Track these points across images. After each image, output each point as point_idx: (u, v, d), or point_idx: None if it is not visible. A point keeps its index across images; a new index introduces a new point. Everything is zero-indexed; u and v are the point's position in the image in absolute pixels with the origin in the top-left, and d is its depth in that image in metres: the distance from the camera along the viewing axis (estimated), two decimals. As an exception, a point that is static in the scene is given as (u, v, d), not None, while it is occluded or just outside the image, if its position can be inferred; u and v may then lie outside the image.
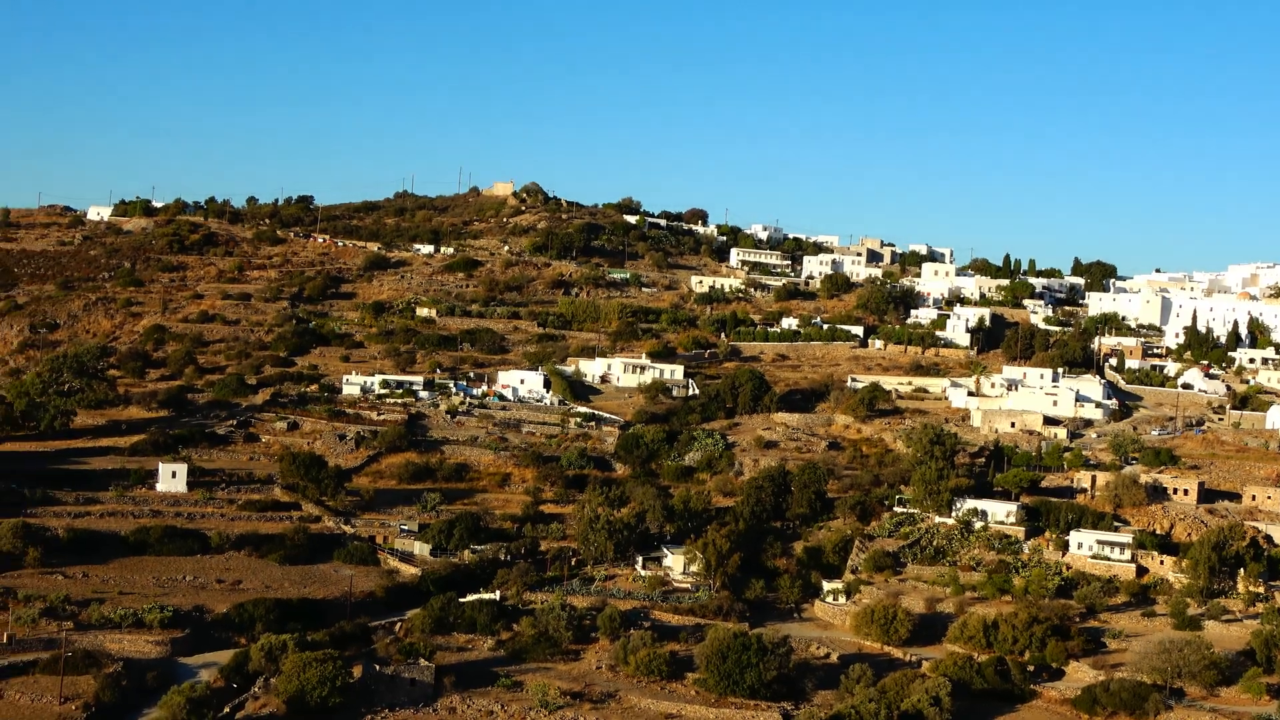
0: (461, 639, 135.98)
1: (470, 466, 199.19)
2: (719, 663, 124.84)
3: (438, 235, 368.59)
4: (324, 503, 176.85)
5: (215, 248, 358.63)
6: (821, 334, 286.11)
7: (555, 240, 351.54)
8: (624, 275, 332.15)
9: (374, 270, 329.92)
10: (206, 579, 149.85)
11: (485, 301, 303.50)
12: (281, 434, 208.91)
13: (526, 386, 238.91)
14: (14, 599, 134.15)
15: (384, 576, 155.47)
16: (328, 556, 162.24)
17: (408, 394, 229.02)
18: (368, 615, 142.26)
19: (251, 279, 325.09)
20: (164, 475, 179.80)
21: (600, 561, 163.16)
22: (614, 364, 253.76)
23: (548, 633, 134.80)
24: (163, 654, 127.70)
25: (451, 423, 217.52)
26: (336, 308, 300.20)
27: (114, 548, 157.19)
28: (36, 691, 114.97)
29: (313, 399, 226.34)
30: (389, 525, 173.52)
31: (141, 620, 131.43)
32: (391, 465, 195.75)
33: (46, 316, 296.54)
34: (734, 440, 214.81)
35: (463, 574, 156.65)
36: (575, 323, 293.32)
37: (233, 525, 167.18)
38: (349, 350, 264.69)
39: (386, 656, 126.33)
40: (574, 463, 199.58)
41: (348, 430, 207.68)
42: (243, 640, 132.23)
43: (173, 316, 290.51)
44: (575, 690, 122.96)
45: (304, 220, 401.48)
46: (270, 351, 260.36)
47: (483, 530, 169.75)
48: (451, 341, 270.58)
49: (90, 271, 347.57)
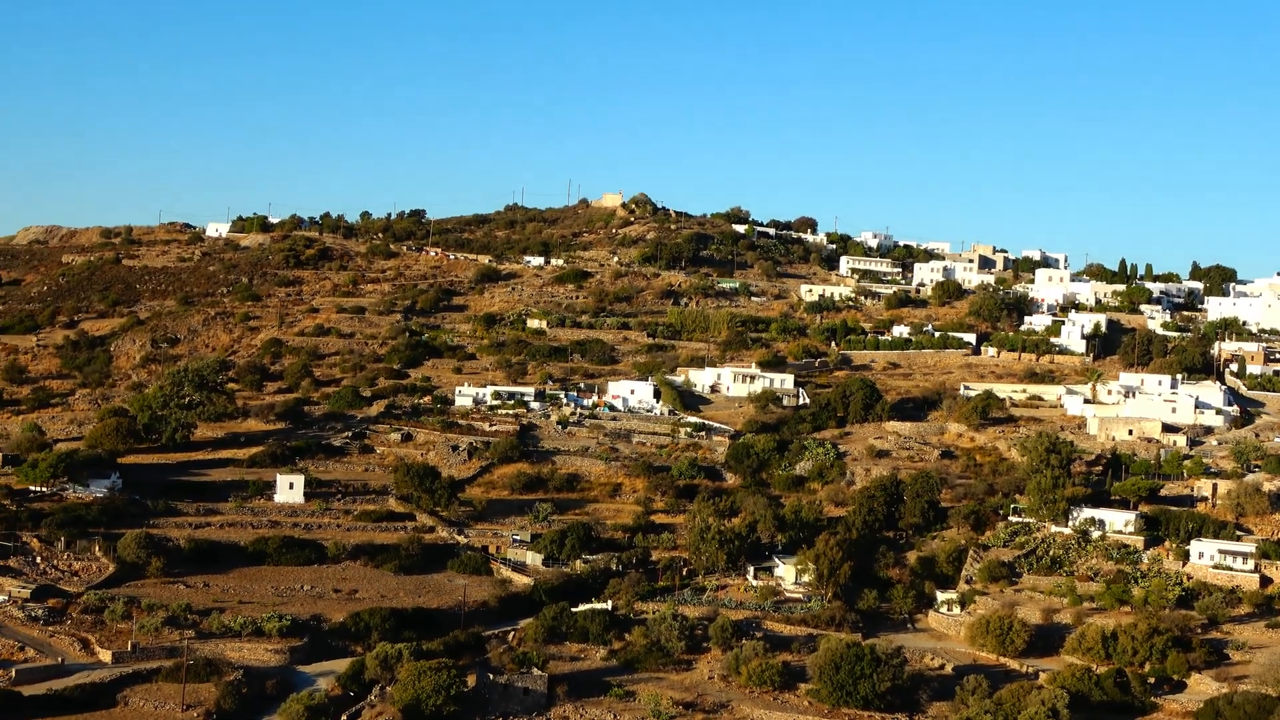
0: (574, 648, 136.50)
1: (581, 477, 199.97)
2: (832, 673, 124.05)
3: (548, 247, 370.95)
4: (438, 513, 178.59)
5: (330, 262, 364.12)
6: (933, 342, 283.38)
7: (664, 250, 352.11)
8: (733, 285, 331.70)
9: (485, 282, 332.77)
10: (324, 588, 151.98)
11: (595, 312, 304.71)
12: (395, 445, 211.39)
13: (636, 397, 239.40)
14: (138, 608, 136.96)
15: (497, 586, 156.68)
16: (441, 566, 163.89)
17: (519, 405, 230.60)
18: (481, 624, 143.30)
19: (365, 292, 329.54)
20: (282, 486, 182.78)
21: (711, 571, 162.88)
22: (724, 373, 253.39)
23: (660, 642, 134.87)
24: (281, 662, 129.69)
25: (562, 433, 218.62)
26: (449, 320, 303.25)
27: (234, 558, 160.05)
28: (160, 699, 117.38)
29: (426, 411, 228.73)
30: (501, 535, 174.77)
31: (261, 629, 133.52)
32: (504, 476, 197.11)
33: (167, 332, 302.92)
34: (845, 449, 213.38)
35: (575, 584, 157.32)
36: (684, 333, 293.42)
37: (349, 535, 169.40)
38: (461, 362, 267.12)
39: (500, 666, 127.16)
40: (684, 473, 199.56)
41: (460, 441, 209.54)
42: (359, 649, 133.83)
43: (289, 330, 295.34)
44: (687, 700, 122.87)
45: (416, 234, 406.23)
46: (384, 364, 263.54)
47: (594, 540, 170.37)
48: (562, 352, 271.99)
49: (209, 287, 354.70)
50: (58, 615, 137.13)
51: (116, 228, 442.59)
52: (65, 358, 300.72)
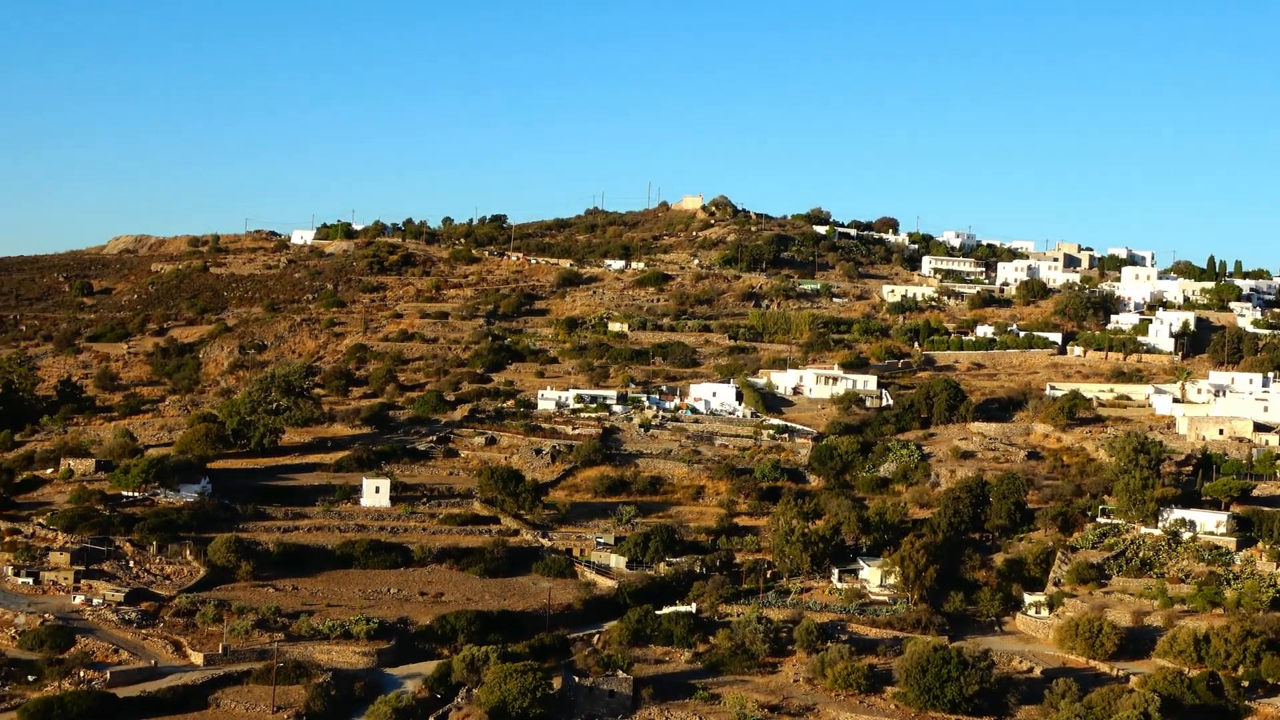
0: (658, 651, 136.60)
1: (664, 479, 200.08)
2: (919, 676, 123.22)
3: (628, 250, 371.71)
4: (522, 516, 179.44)
5: (413, 268, 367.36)
6: (1018, 341, 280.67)
7: (745, 253, 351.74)
8: (814, 286, 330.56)
9: (566, 286, 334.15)
10: (410, 591, 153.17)
11: (676, 315, 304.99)
12: (479, 449, 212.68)
13: (718, 399, 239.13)
14: (228, 611, 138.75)
15: (581, 589, 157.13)
16: (526, 569, 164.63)
17: (601, 408, 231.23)
18: (566, 627, 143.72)
19: (448, 297, 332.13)
20: (368, 490, 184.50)
21: (796, 574, 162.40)
22: (806, 375, 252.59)
23: (744, 645, 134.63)
24: (369, 664, 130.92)
25: (645, 436, 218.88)
26: (531, 324, 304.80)
27: (322, 561, 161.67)
28: (250, 700, 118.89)
29: (509, 414, 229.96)
30: (585, 538, 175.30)
31: (349, 632, 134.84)
32: (587, 479, 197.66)
33: (255, 338, 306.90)
34: (930, 451, 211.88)
35: (659, 586, 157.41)
36: (766, 335, 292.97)
37: (434, 539, 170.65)
38: (543, 366, 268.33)
39: (585, 668, 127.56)
40: (767, 475, 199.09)
41: (543, 445, 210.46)
42: (445, 651, 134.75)
43: (373, 336, 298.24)
44: (773, 703, 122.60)
45: (498, 239, 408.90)
46: (467, 368, 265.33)
47: (678, 543, 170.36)
48: (643, 355, 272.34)
49: (295, 294, 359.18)
50: (151, 618, 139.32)
51: (204, 236, 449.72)
52: (155, 365, 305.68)
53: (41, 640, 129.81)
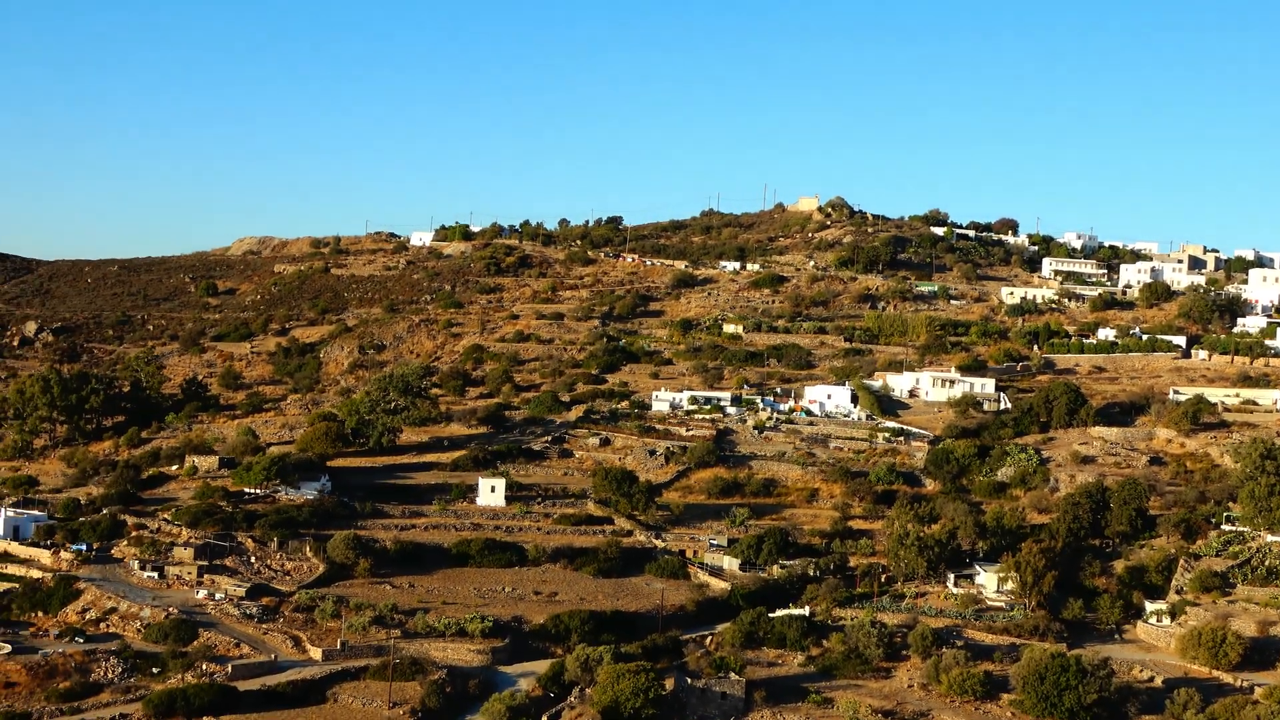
0: (771, 654, 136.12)
1: (778, 482, 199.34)
2: (1036, 684, 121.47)
3: (743, 252, 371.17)
4: (635, 517, 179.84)
5: (529, 269, 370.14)
6: (1140, 345, 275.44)
7: (861, 254, 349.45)
8: (931, 288, 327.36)
9: (681, 288, 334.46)
10: (524, 590, 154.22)
11: (791, 317, 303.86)
12: (594, 450, 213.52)
13: (833, 401, 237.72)
14: (346, 607, 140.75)
15: (694, 590, 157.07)
16: (639, 570, 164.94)
17: (715, 410, 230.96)
18: (678, 628, 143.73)
19: (564, 299, 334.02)
20: (483, 490, 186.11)
21: (911, 578, 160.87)
22: (922, 378, 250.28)
23: (858, 649, 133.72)
24: (484, 663, 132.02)
25: (759, 438, 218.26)
26: (645, 325, 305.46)
27: (438, 559, 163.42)
28: (367, 696, 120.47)
29: (623, 415, 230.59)
30: (698, 540, 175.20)
31: (464, 629, 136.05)
32: (700, 480, 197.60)
33: (374, 338, 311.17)
34: (1049, 455, 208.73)
35: (772, 589, 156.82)
36: (882, 337, 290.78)
37: (549, 538, 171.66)
38: (658, 367, 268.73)
39: (697, 670, 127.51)
40: (882, 478, 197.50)
41: (657, 446, 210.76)
42: (559, 650, 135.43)
43: (490, 336, 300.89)
44: (886, 708, 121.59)
45: (614, 241, 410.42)
46: (582, 369, 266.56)
47: (791, 545, 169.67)
48: (758, 357, 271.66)
49: (413, 294, 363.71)
50: (271, 613, 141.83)
51: (325, 238, 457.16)
52: (277, 364, 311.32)
53: (166, 633, 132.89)
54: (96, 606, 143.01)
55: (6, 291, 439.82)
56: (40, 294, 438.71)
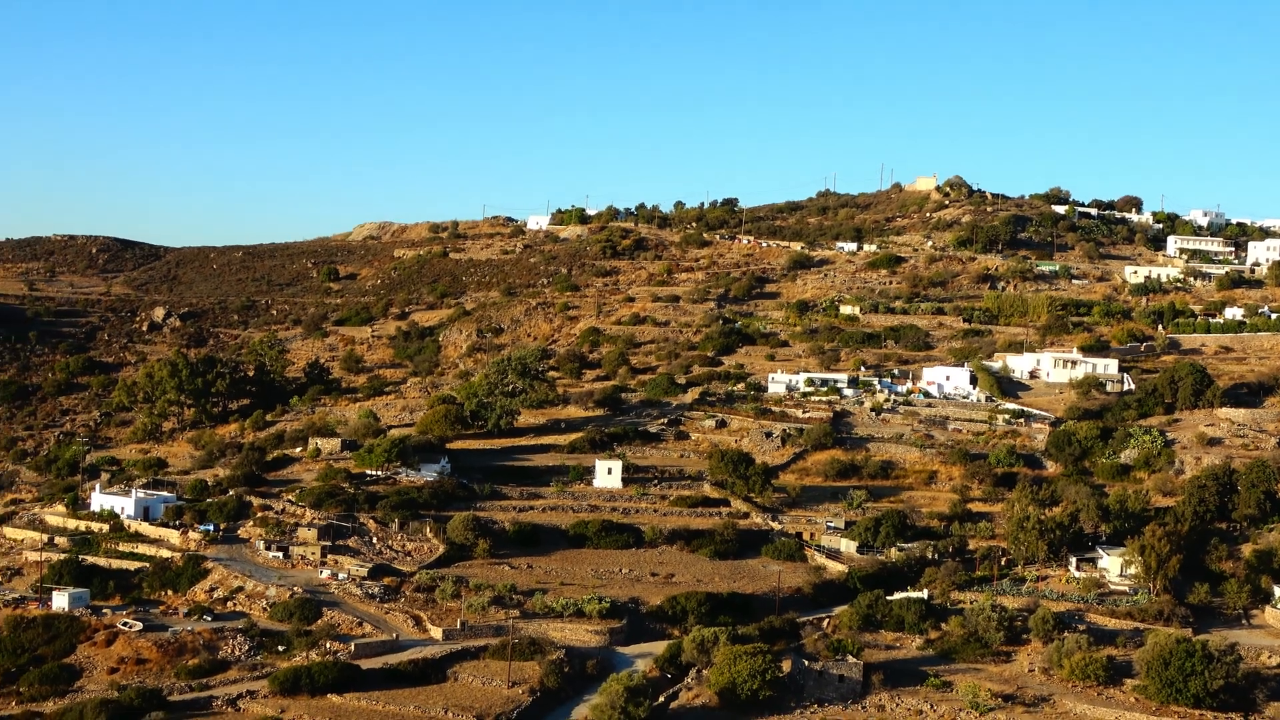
0: (889, 637, 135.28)
1: (895, 464, 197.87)
2: (1160, 669, 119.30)
3: (860, 233, 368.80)
4: (752, 499, 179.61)
5: (645, 252, 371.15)
6: (1270, 324, 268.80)
7: (980, 234, 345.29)
8: (1052, 267, 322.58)
9: (797, 269, 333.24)
10: (641, 572, 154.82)
11: (909, 298, 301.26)
12: (710, 432, 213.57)
13: (952, 383, 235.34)
14: (466, 587, 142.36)
15: (811, 573, 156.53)
16: (756, 552, 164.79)
17: (832, 391, 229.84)
18: (795, 610, 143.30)
19: (680, 281, 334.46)
20: (600, 472, 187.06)
21: (1031, 562, 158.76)
22: (1043, 359, 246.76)
23: (977, 633, 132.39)
24: (601, 643, 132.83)
25: (876, 420, 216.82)
26: (761, 307, 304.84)
27: (555, 540, 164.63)
28: (486, 675, 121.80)
29: (739, 397, 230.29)
30: (815, 522, 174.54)
31: (581, 610, 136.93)
32: (817, 462, 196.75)
33: (492, 321, 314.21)
34: (1173, 437, 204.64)
35: (889, 572, 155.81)
36: (1002, 317, 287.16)
37: (665, 520, 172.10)
38: (774, 349, 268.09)
39: (815, 652, 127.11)
40: (1002, 460, 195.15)
41: (774, 428, 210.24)
42: (675, 632, 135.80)
43: (606, 319, 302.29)
44: (1007, 692, 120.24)
45: (729, 222, 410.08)
46: (698, 351, 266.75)
47: (909, 528, 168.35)
48: (875, 339, 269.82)
49: (530, 278, 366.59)
50: (392, 593, 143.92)
51: (443, 223, 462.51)
52: (397, 348, 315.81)
53: (291, 612, 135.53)
54: (224, 586, 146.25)
55: (136, 278, 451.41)
56: (168, 280, 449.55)
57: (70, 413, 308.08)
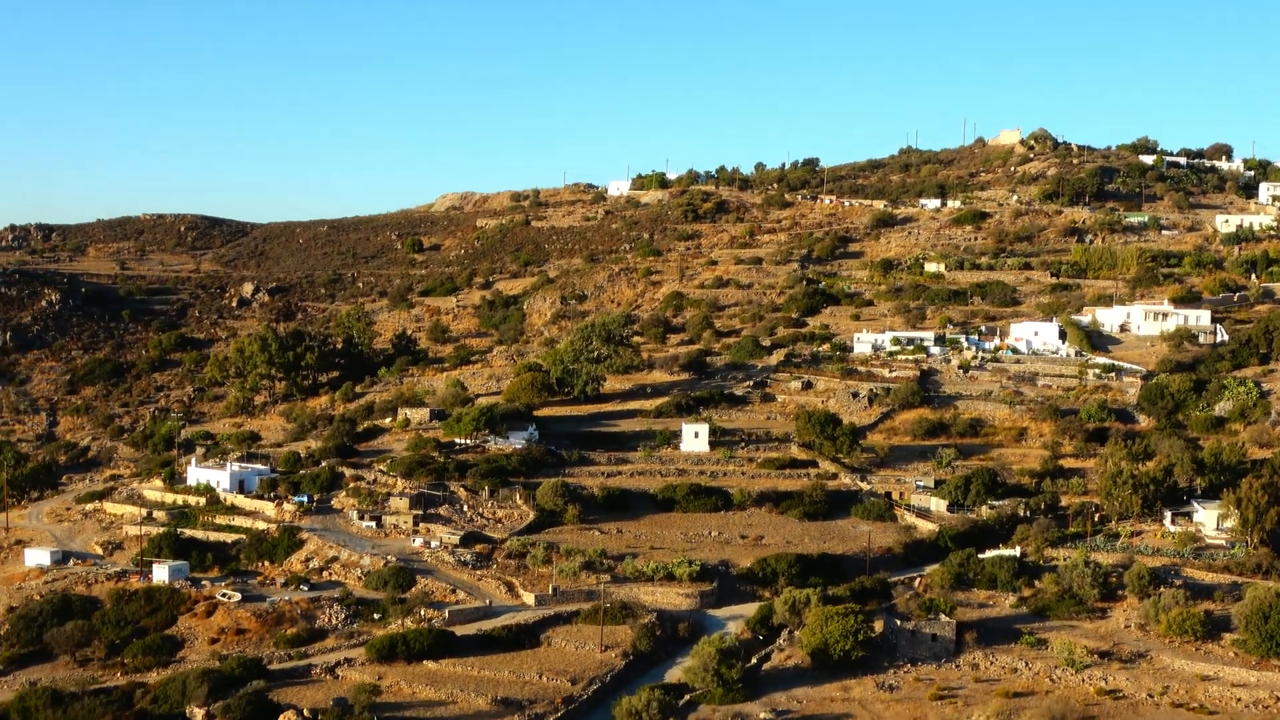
0: (981, 595, 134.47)
1: (985, 421, 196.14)
2: (1260, 623, 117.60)
3: (944, 189, 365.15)
4: (840, 460, 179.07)
5: (727, 215, 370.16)
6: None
7: (1066, 186, 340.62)
8: (1141, 219, 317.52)
9: (881, 228, 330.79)
10: (730, 534, 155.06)
11: (995, 253, 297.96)
12: (796, 393, 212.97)
13: (1040, 338, 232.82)
14: (557, 553, 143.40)
15: (901, 532, 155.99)
16: (845, 513, 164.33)
17: (918, 350, 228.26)
18: (886, 570, 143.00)
19: (762, 243, 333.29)
20: (687, 435, 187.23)
21: (1125, 517, 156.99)
22: (1133, 312, 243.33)
23: (1072, 590, 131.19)
24: (692, 606, 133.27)
25: (964, 377, 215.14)
26: (845, 267, 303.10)
27: (644, 505, 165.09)
28: (579, 639, 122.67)
29: (825, 358, 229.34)
30: (904, 481, 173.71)
31: (672, 574, 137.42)
32: (905, 422, 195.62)
33: (575, 288, 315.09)
34: (1269, 388, 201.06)
35: (980, 530, 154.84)
36: (1090, 271, 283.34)
37: (753, 483, 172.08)
38: (859, 309, 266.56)
39: (907, 612, 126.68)
40: (1093, 415, 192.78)
41: (860, 388, 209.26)
42: (766, 593, 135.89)
43: (689, 283, 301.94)
44: (1103, 649, 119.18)
45: (810, 183, 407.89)
46: (782, 313, 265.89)
47: (1000, 486, 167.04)
48: (961, 296, 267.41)
49: (612, 244, 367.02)
50: (484, 560, 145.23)
51: (525, 191, 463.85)
52: (482, 317, 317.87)
53: (385, 580, 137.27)
54: (319, 555, 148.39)
55: (224, 255, 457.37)
56: (256, 256, 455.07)
57: (164, 389, 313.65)
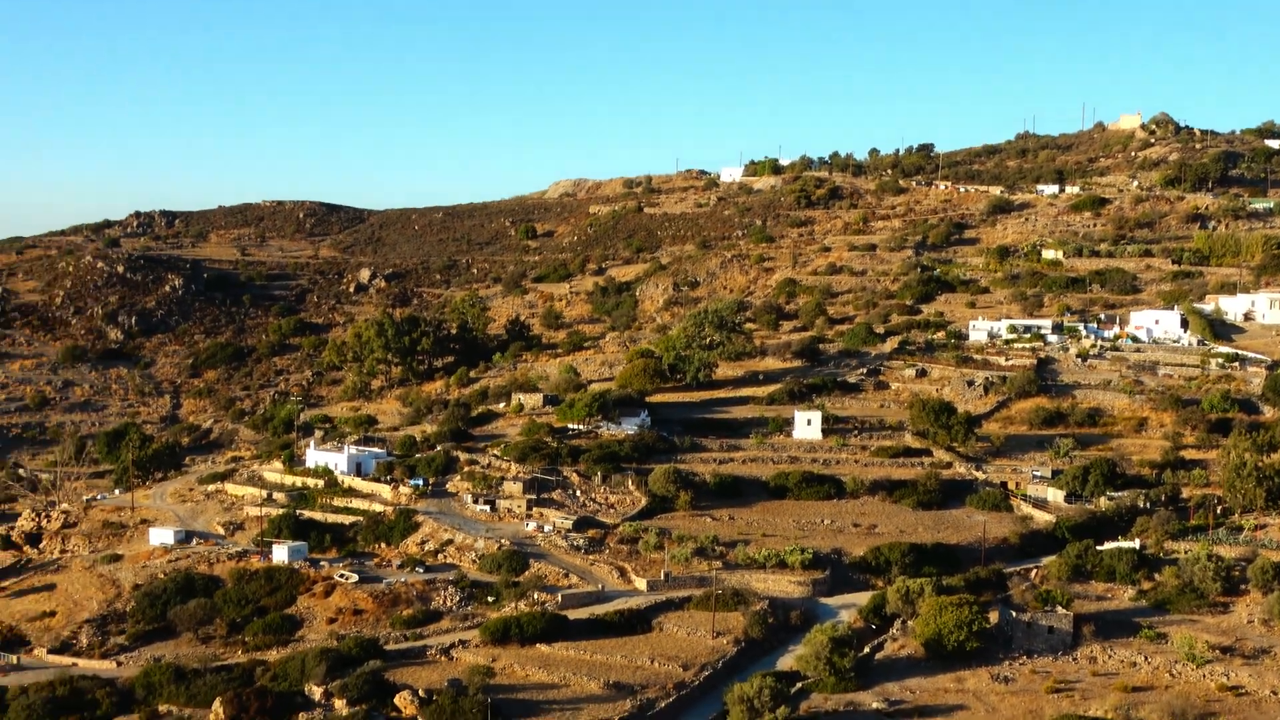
0: (1099, 587, 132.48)
1: (1103, 411, 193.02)
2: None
3: (1062, 175, 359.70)
4: (954, 449, 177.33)
5: (840, 201, 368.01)
6: None
7: (1189, 172, 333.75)
8: (1267, 204, 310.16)
9: (997, 214, 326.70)
10: (843, 522, 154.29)
11: (1114, 240, 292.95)
12: (910, 381, 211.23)
13: (1161, 327, 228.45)
14: (669, 539, 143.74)
15: (1017, 523, 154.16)
16: (959, 502, 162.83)
17: (1035, 338, 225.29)
18: (1001, 561, 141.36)
19: (876, 230, 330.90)
20: (799, 423, 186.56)
21: (1248, 510, 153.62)
22: (1258, 300, 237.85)
23: (1193, 584, 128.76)
24: (804, 594, 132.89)
25: (1082, 366, 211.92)
26: (960, 254, 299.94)
27: (756, 492, 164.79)
28: (691, 625, 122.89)
29: (939, 346, 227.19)
30: (1020, 471, 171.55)
31: (784, 561, 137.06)
32: (1021, 411, 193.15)
33: (688, 275, 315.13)
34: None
35: (1099, 521, 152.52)
36: (1213, 258, 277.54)
37: (866, 471, 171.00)
38: (974, 296, 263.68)
39: (1022, 603, 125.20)
40: (1216, 406, 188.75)
41: (975, 376, 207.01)
42: (879, 583, 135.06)
43: (802, 270, 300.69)
44: (1224, 644, 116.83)
45: (925, 169, 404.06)
46: (896, 300, 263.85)
47: (1119, 477, 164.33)
48: (1079, 283, 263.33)
49: (725, 230, 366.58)
50: (596, 545, 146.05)
51: (637, 178, 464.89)
52: (595, 303, 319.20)
53: (499, 564, 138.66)
54: (434, 538, 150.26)
55: (342, 240, 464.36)
56: (372, 242, 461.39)
57: (284, 373, 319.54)
